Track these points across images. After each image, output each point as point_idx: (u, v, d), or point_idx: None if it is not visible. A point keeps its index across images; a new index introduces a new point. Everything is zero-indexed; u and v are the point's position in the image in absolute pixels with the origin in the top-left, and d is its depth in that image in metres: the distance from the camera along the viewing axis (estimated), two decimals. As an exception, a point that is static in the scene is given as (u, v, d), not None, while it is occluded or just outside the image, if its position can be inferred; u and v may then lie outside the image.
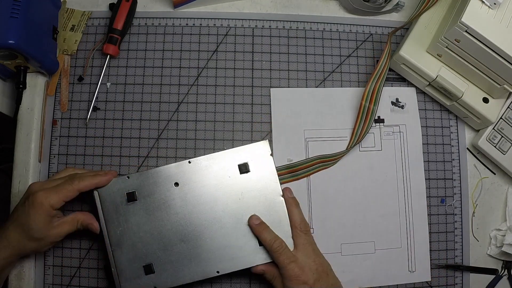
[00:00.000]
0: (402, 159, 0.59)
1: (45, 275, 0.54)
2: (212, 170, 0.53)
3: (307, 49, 0.61)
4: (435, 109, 0.60)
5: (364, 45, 0.61)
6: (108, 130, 0.57)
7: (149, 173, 0.52)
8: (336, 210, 0.57)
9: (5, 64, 0.53)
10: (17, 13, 0.49)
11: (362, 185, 0.57)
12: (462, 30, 0.49)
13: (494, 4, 0.50)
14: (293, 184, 0.56)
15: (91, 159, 0.56)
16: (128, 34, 0.60)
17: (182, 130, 0.57)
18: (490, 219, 0.59)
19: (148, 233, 0.51)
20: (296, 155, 0.57)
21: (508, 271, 0.58)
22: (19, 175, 0.55)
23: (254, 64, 0.60)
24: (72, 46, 0.58)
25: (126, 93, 0.58)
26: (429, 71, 0.56)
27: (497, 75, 0.52)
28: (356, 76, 0.60)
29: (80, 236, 0.54)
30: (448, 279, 0.57)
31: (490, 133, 0.58)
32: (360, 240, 0.56)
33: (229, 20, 0.61)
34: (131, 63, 0.59)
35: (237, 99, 0.59)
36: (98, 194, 0.51)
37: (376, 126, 0.59)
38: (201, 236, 0.51)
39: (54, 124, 0.57)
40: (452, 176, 0.59)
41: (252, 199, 0.52)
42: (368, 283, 0.56)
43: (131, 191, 0.51)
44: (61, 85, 0.58)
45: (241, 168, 0.53)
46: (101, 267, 0.54)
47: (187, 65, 0.59)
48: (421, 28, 0.57)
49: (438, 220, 0.58)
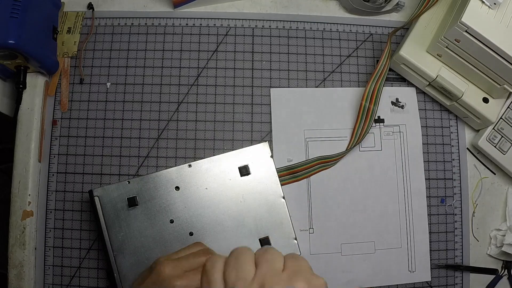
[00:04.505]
0: (402, 159, 0.59)
1: (45, 275, 0.54)
2: (213, 173, 0.53)
3: (307, 49, 0.61)
4: (435, 109, 0.60)
5: (364, 45, 0.61)
6: (108, 130, 0.57)
7: (149, 178, 0.52)
8: (336, 210, 0.57)
9: (5, 64, 0.53)
10: (17, 13, 0.49)
11: (362, 185, 0.57)
12: (462, 30, 0.49)
13: (494, 4, 0.50)
14: (293, 185, 0.56)
15: (91, 159, 0.56)
16: (128, 34, 0.60)
17: (182, 130, 0.57)
18: (490, 219, 0.59)
19: (149, 237, 0.51)
20: (296, 155, 0.57)
21: (508, 271, 0.58)
22: (19, 175, 0.55)
23: (254, 64, 0.60)
24: (72, 48, 0.59)
25: (126, 93, 0.58)
26: (429, 71, 0.56)
27: (497, 75, 0.52)
28: (356, 76, 0.60)
29: (80, 236, 0.54)
30: (448, 279, 0.57)
31: (490, 133, 0.58)
32: (360, 240, 0.56)
33: (229, 20, 0.61)
34: (131, 63, 0.59)
35: (237, 99, 0.59)
36: (99, 200, 0.51)
37: (376, 126, 0.59)
38: (202, 239, 0.51)
39: (54, 124, 0.57)
40: (452, 176, 0.59)
41: (253, 201, 0.52)
42: (368, 283, 0.56)
43: (132, 196, 0.51)
44: (61, 85, 0.58)
45: (241, 171, 0.53)
46: (101, 267, 0.54)
47: (187, 65, 0.59)
48: (421, 28, 0.57)
49: (438, 220, 0.58)
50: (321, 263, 0.55)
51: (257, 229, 0.52)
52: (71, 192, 0.55)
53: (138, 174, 0.56)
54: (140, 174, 0.56)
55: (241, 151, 0.54)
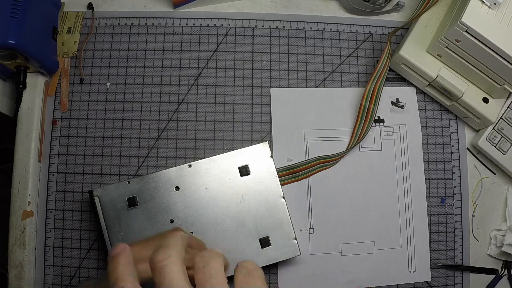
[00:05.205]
0: (402, 159, 0.59)
1: (45, 275, 0.54)
2: (213, 173, 0.53)
3: (307, 49, 0.61)
4: (435, 109, 0.60)
5: (364, 45, 0.61)
6: (108, 130, 0.57)
7: (149, 178, 0.52)
8: (336, 210, 0.57)
9: (5, 64, 0.53)
10: (17, 13, 0.49)
11: (362, 185, 0.57)
12: (462, 30, 0.49)
13: (494, 4, 0.50)
14: (293, 185, 0.56)
15: (91, 159, 0.56)
16: (128, 34, 0.60)
17: (182, 130, 0.57)
18: (490, 219, 0.59)
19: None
20: (296, 155, 0.57)
21: (508, 271, 0.58)
22: (19, 175, 0.55)
23: (254, 64, 0.60)
24: (72, 48, 0.59)
25: (126, 93, 0.58)
26: (429, 71, 0.56)
27: (497, 75, 0.52)
28: (356, 76, 0.60)
29: (80, 236, 0.54)
30: (448, 279, 0.57)
31: (490, 133, 0.58)
32: (360, 240, 0.56)
33: (229, 20, 0.61)
34: (131, 63, 0.59)
35: (237, 99, 0.59)
36: (99, 200, 0.51)
37: (376, 126, 0.59)
38: (202, 239, 0.51)
39: (54, 124, 0.57)
40: (452, 176, 0.59)
41: (253, 201, 0.52)
42: (368, 283, 0.56)
43: (132, 196, 0.51)
44: (61, 85, 0.58)
45: (241, 171, 0.53)
46: (101, 267, 0.54)
47: (187, 65, 0.59)
48: (421, 28, 0.57)
49: (438, 220, 0.58)
50: (321, 263, 0.55)
51: (257, 229, 0.52)
52: (71, 192, 0.55)
53: (138, 174, 0.56)
54: (140, 174, 0.56)
55: (241, 151, 0.54)
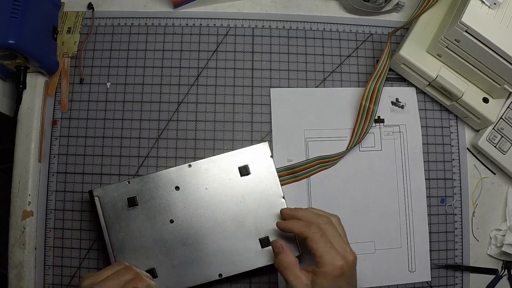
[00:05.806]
0: (402, 159, 0.59)
1: (45, 275, 0.54)
2: (213, 173, 0.53)
3: (307, 49, 0.61)
4: (435, 109, 0.60)
5: (364, 45, 0.61)
6: (108, 130, 0.57)
7: (149, 178, 0.52)
8: (336, 210, 0.56)
9: (5, 64, 0.53)
10: (17, 13, 0.49)
11: (362, 185, 0.57)
12: (462, 30, 0.49)
13: (494, 4, 0.50)
14: (293, 185, 0.56)
15: (91, 159, 0.56)
16: (128, 34, 0.60)
17: (182, 130, 0.57)
18: (490, 219, 0.59)
19: (149, 237, 0.51)
20: (296, 155, 0.57)
21: (508, 271, 0.58)
22: (19, 175, 0.55)
23: (254, 64, 0.60)
24: (72, 48, 0.59)
25: (126, 93, 0.58)
26: (429, 71, 0.56)
27: (497, 75, 0.52)
28: (356, 76, 0.60)
29: (80, 236, 0.54)
30: (448, 279, 0.57)
31: (490, 133, 0.58)
32: (360, 240, 0.56)
33: (229, 20, 0.61)
34: (131, 63, 0.59)
35: (237, 99, 0.59)
36: (99, 200, 0.51)
37: (376, 126, 0.59)
38: (202, 239, 0.51)
39: (54, 124, 0.57)
40: (452, 176, 0.59)
41: (253, 201, 0.52)
42: (368, 283, 0.56)
43: (132, 196, 0.51)
44: (61, 85, 0.58)
45: (241, 171, 0.53)
46: (101, 267, 0.54)
47: (187, 65, 0.59)
48: (421, 28, 0.57)
49: (438, 220, 0.58)
50: (321, 263, 0.55)
51: (257, 229, 0.52)
52: (71, 192, 0.55)
53: (138, 174, 0.56)
54: (140, 174, 0.56)
55: (241, 151, 0.54)
